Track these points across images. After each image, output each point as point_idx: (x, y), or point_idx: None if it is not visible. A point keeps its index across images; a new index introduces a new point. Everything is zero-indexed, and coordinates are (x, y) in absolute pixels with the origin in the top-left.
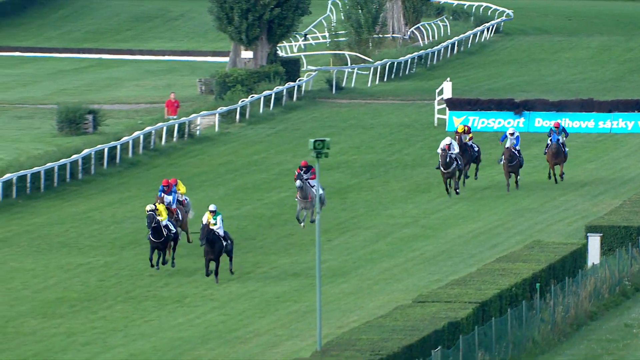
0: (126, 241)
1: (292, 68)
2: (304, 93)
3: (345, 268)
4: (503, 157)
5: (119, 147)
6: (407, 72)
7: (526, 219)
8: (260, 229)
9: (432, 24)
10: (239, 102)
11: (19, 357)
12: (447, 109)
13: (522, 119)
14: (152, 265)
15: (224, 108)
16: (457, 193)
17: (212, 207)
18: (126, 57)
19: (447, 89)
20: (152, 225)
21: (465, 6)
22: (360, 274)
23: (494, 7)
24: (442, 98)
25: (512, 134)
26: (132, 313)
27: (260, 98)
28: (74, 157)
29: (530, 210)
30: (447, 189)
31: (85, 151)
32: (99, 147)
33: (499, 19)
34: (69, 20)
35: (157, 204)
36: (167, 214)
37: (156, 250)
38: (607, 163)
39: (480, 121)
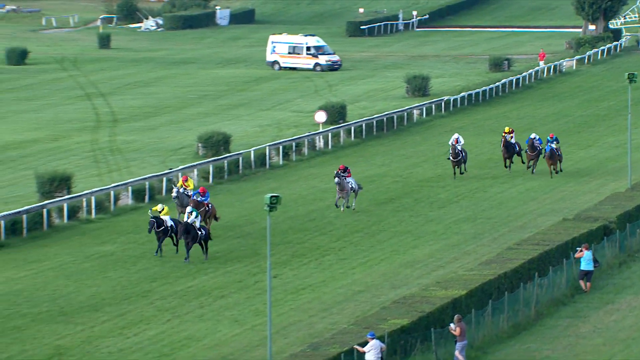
0: (523, 130)
1: (616, 34)
2: (622, 48)
3: None
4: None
5: (521, 78)
6: None
7: None
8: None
9: None
10: (586, 53)
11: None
12: None
13: None
14: (157, 252)
15: (578, 56)
16: (461, 173)
17: (188, 209)
18: (526, 30)
19: None
20: (154, 227)
21: None
22: None
23: None
24: None
25: (541, 138)
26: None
27: (598, 51)
28: (497, 83)
29: None
30: (454, 173)
31: (503, 80)
32: (510, 78)
33: None
34: (496, 10)
35: (163, 206)
36: (199, 209)
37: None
38: None
39: None
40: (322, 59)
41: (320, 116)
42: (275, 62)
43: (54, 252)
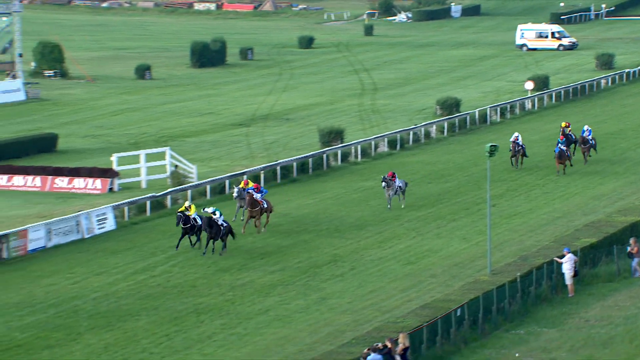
0: None
1: None
2: None
3: None
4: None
5: None
6: None
7: None
8: None
9: None
10: None
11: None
12: None
13: None
14: (177, 247)
15: None
16: (518, 165)
17: (210, 210)
18: None
19: None
20: (181, 221)
21: None
22: None
23: None
24: None
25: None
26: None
27: None
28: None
29: None
30: (512, 163)
31: None
32: None
33: None
34: None
35: (191, 205)
36: (254, 204)
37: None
38: None
39: None
40: (565, 41)
41: (529, 85)
42: (524, 45)
43: (331, 186)
